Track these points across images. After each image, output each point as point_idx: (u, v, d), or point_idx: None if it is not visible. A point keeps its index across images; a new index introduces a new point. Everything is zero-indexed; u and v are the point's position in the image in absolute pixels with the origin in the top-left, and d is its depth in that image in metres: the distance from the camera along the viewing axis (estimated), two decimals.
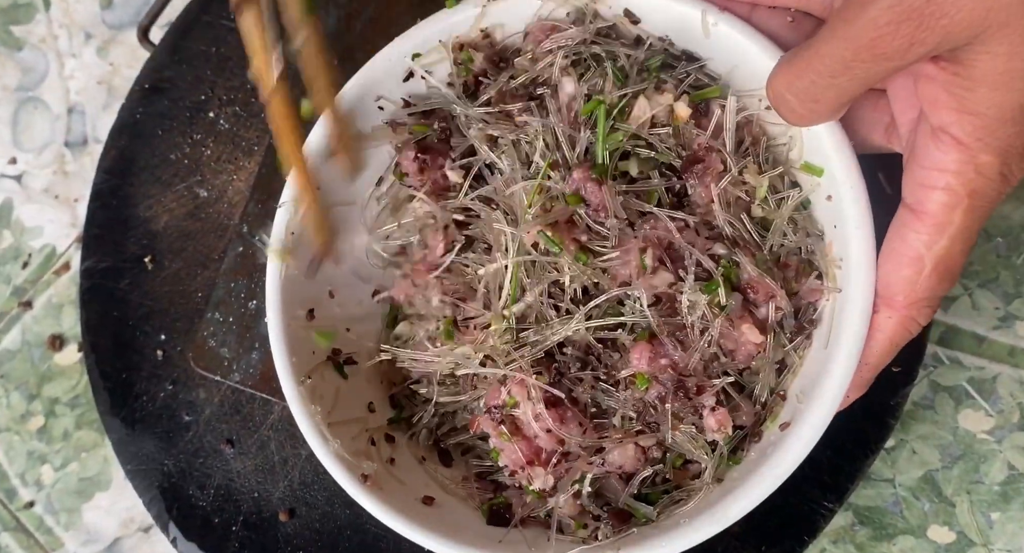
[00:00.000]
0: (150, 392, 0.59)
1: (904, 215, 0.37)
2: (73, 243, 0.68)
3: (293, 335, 0.45)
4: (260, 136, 0.60)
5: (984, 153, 0.34)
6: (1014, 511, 0.55)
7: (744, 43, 0.42)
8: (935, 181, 0.35)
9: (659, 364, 0.42)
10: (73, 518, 0.64)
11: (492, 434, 0.44)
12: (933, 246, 0.36)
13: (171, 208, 0.61)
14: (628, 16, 0.44)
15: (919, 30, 0.31)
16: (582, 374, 0.43)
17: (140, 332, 0.60)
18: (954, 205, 0.35)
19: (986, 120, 0.33)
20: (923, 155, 0.36)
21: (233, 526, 0.56)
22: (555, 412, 0.43)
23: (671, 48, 0.45)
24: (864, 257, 0.39)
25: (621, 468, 0.43)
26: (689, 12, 0.43)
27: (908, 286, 0.38)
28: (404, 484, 0.45)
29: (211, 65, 0.62)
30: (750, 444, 0.43)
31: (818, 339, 0.42)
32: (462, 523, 0.44)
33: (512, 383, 0.43)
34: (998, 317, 0.57)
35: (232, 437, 0.57)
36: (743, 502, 0.39)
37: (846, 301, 0.40)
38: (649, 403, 0.43)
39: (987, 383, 0.56)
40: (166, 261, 0.60)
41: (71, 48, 0.72)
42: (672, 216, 0.42)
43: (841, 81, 0.34)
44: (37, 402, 0.66)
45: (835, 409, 0.39)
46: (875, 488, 0.56)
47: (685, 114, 0.43)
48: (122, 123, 0.63)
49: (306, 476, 0.56)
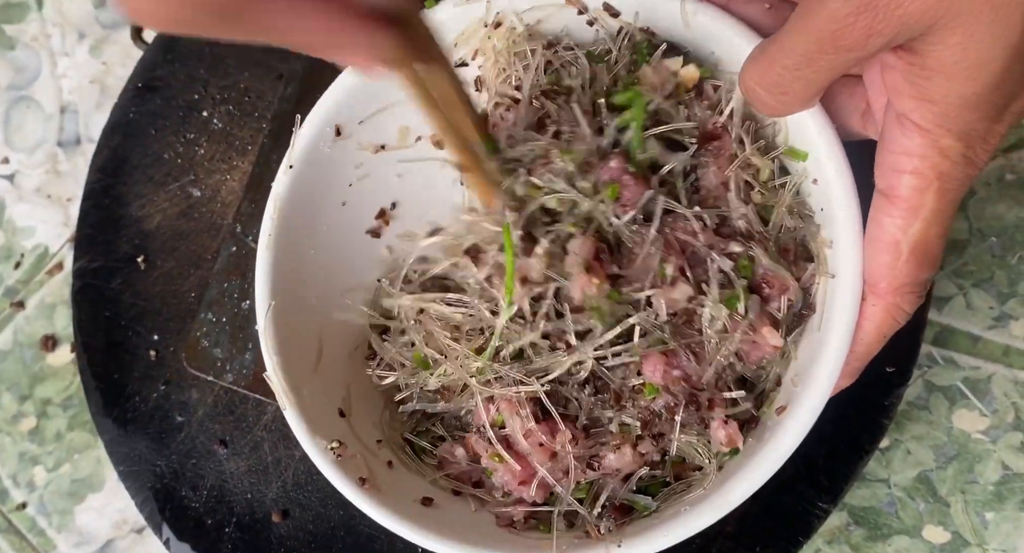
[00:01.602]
0: (143, 393, 0.59)
1: (878, 201, 0.38)
2: (66, 243, 0.68)
3: (284, 329, 0.45)
4: (254, 135, 0.60)
5: (946, 138, 0.35)
6: (1009, 511, 0.55)
7: (724, 31, 0.42)
8: (903, 165, 0.36)
9: (672, 376, 0.41)
10: (65, 520, 0.64)
11: (483, 455, 0.44)
12: (908, 230, 0.37)
13: (164, 208, 0.61)
14: (608, 9, 0.44)
15: (876, 21, 0.32)
16: (580, 395, 0.43)
17: (133, 332, 0.59)
18: (924, 188, 0.36)
19: (944, 107, 0.34)
20: (890, 140, 0.36)
21: (226, 527, 0.56)
22: (546, 426, 0.42)
23: (653, 38, 0.45)
24: (852, 239, 0.39)
25: (618, 471, 0.43)
26: (667, 4, 0.43)
27: (889, 272, 0.38)
28: (403, 486, 0.45)
29: (204, 64, 0.62)
30: (749, 430, 0.43)
31: (811, 323, 0.42)
32: (462, 523, 0.44)
33: (500, 400, 0.43)
34: (992, 317, 0.57)
35: (225, 438, 0.57)
36: (744, 485, 0.39)
37: (836, 284, 0.40)
38: (655, 412, 0.42)
39: (982, 383, 0.56)
40: (159, 261, 0.60)
41: (64, 47, 0.71)
42: (695, 215, 0.41)
43: (807, 73, 0.35)
44: (29, 403, 0.66)
45: (830, 391, 0.39)
46: (870, 488, 0.56)
47: (694, 75, 0.43)
48: (115, 122, 0.62)
49: (299, 477, 0.55)
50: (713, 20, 0.42)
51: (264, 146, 0.58)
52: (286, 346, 0.45)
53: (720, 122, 0.43)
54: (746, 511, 0.39)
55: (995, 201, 0.58)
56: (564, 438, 0.42)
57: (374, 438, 0.47)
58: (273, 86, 0.60)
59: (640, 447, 0.42)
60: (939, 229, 0.37)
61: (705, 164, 0.43)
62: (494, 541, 0.42)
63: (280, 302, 0.45)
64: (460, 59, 0.47)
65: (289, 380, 0.44)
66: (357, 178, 0.49)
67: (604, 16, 0.45)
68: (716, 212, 0.42)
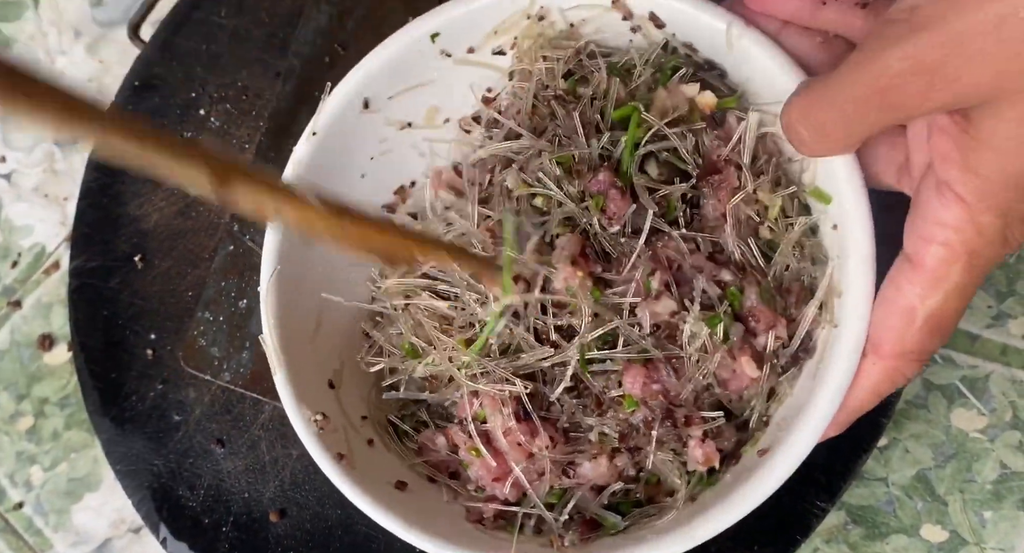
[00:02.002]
0: (140, 392, 0.58)
1: (902, 265, 0.37)
2: (63, 242, 0.68)
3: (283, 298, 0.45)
4: (251, 134, 0.60)
5: (985, 214, 0.34)
6: (1007, 510, 0.55)
7: (766, 61, 0.41)
8: (935, 235, 0.35)
9: (651, 390, 0.41)
10: (63, 519, 0.64)
11: (461, 448, 0.44)
12: (927, 300, 0.36)
13: (161, 207, 0.61)
14: (653, 19, 0.44)
15: (931, 87, 0.31)
16: (564, 398, 0.43)
17: (130, 331, 0.59)
18: (952, 261, 0.35)
19: (988, 183, 0.33)
20: (926, 208, 0.35)
21: (223, 526, 0.56)
22: (526, 425, 0.42)
23: (694, 55, 0.44)
24: (862, 295, 0.39)
25: (592, 482, 0.43)
26: (714, 23, 0.42)
27: (896, 336, 0.37)
28: (380, 466, 0.45)
29: (202, 63, 0.62)
30: (728, 466, 0.43)
31: (807, 368, 0.42)
32: (432, 512, 0.44)
33: (484, 396, 0.43)
34: (991, 315, 0.57)
35: (222, 437, 0.57)
36: (712, 524, 0.39)
37: (839, 336, 0.39)
38: (634, 425, 0.42)
39: (980, 382, 0.56)
40: (156, 260, 0.60)
41: (61, 46, 0.71)
42: (684, 237, 0.41)
43: (851, 121, 0.34)
44: (26, 402, 0.66)
45: (814, 443, 0.39)
46: (868, 487, 0.56)
47: (710, 102, 0.42)
48: None
49: (297, 476, 0.55)
50: (758, 47, 0.41)
51: (262, 145, 0.58)
52: (285, 312, 0.45)
53: (724, 154, 0.42)
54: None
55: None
56: (543, 441, 0.42)
57: (360, 413, 0.46)
58: (271, 84, 0.60)
59: (617, 460, 0.42)
60: (958, 304, 0.36)
61: (706, 195, 0.43)
62: (459, 535, 0.42)
63: (285, 268, 0.45)
64: (499, 47, 0.47)
65: (283, 344, 0.44)
66: (380, 153, 0.49)
67: (648, 26, 0.44)
68: (710, 238, 0.42)
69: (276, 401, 0.45)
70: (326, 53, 0.58)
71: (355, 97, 0.47)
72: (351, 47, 0.57)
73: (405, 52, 0.46)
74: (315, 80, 0.57)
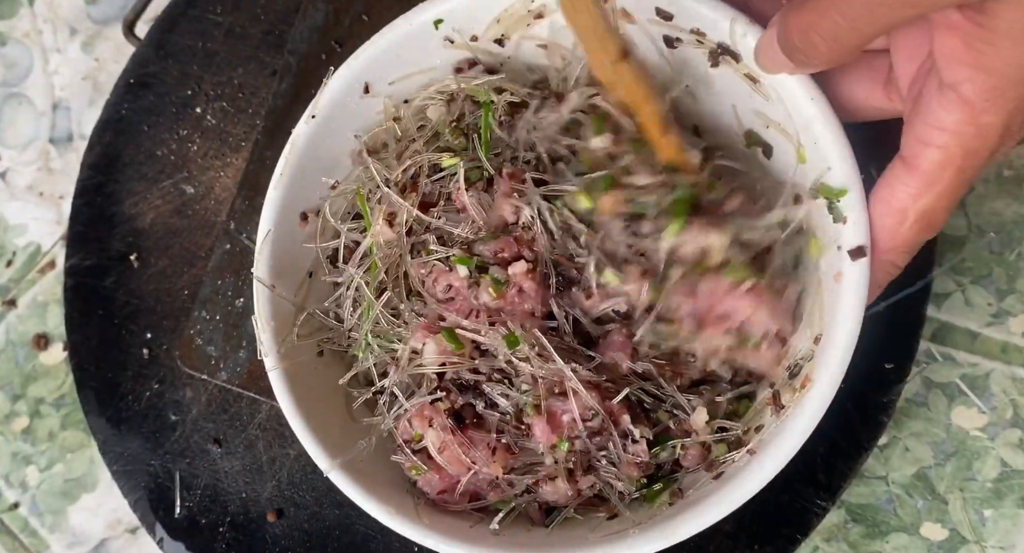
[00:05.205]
0: (136, 391, 0.58)
1: (897, 166, 0.37)
2: (58, 241, 0.68)
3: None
4: (247, 132, 0.60)
5: (988, 114, 0.34)
6: (1007, 508, 0.54)
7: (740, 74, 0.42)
8: (933, 138, 0.35)
9: (562, 424, 0.42)
10: (59, 520, 0.64)
11: (405, 467, 0.44)
12: (919, 200, 0.37)
13: (157, 205, 0.60)
14: (660, 14, 0.43)
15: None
16: (490, 413, 0.43)
17: (126, 331, 0.59)
18: (947, 164, 0.36)
19: (999, 79, 0.33)
20: (926, 111, 0.35)
21: (220, 527, 0.55)
22: (462, 437, 0.42)
23: (703, 39, 0.43)
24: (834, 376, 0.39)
25: (554, 502, 0.44)
26: (719, 19, 0.41)
27: (888, 234, 0.38)
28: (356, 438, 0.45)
29: (197, 60, 0.61)
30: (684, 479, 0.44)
31: (771, 421, 0.42)
32: (395, 497, 0.44)
33: (412, 414, 0.43)
34: (991, 313, 0.57)
35: (219, 437, 0.56)
36: (695, 522, 0.39)
37: (812, 389, 0.40)
38: (582, 451, 0.43)
39: (980, 380, 0.56)
40: (152, 259, 0.60)
41: (56, 43, 0.71)
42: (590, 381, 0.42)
43: (862, 24, 0.33)
44: (22, 402, 0.65)
45: (782, 464, 0.39)
46: (868, 486, 0.56)
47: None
48: (107, 119, 0.62)
49: (294, 476, 0.55)
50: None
51: (258, 143, 0.57)
52: (276, 270, 0.46)
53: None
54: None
55: (993, 197, 0.58)
56: (485, 455, 0.42)
57: (337, 379, 0.47)
58: (267, 82, 0.60)
59: (581, 482, 0.43)
60: (949, 203, 0.37)
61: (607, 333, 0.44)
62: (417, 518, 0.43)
63: (277, 232, 0.46)
64: (503, 34, 0.47)
65: (271, 309, 0.45)
66: None
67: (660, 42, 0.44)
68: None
69: (273, 400, 0.45)
70: (323, 50, 0.58)
71: (356, 81, 0.46)
72: (348, 44, 0.57)
73: (408, 38, 0.46)
74: (312, 78, 0.57)
